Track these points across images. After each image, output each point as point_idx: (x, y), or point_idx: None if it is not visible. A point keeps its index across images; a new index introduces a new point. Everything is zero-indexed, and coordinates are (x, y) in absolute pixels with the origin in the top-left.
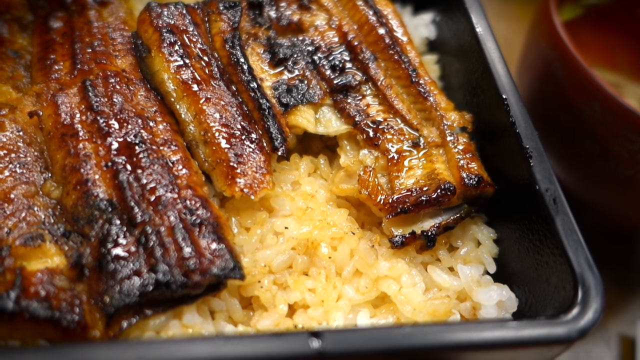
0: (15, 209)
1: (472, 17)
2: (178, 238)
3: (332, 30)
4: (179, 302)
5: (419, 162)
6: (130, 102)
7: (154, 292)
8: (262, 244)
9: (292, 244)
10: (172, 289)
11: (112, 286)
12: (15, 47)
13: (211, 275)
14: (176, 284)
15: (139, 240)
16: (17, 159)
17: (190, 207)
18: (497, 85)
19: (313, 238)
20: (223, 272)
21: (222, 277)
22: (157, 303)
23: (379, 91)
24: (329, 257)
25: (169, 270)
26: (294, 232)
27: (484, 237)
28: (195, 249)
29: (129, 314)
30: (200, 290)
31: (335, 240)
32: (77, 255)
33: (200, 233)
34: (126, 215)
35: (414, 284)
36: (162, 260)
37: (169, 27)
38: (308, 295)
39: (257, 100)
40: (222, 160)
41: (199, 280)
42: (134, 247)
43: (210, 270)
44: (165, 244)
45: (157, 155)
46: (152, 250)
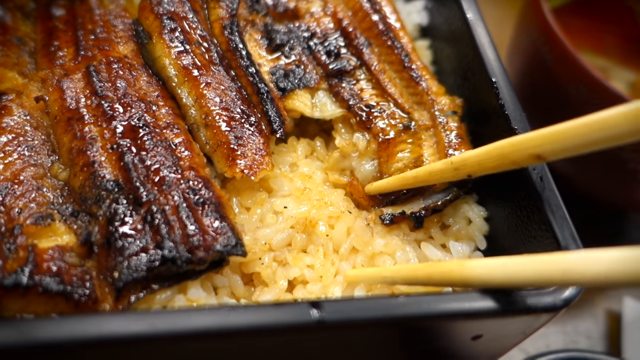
0: (25, 190)
1: (462, 4)
2: (182, 216)
3: (327, 17)
4: (184, 277)
5: (408, 146)
6: (133, 87)
7: (161, 268)
8: (262, 222)
9: (291, 222)
10: (177, 265)
11: (121, 262)
12: (19, 34)
13: (214, 252)
14: (181, 259)
15: (145, 218)
16: (25, 142)
17: (193, 187)
18: (487, 70)
19: (311, 217)
20: (226, 249)
21: (225, 254)
22: (163, 278)
23: (373, 76)
24: (326, 234)
25: (174, 247)
26: (292, 212)
27: (474, 216)
28: (199, 227)
29: (137, 288)
30: (204, 266)
31: (333, 219)
32: (86, 233)
33: (203, 212)
34: (132, 195)
35: (407, 259)
36: (168, 238)
37: (169, 14)
38: (307, 271)
39: (256, 84)
40: (222, 143)
41: (203, 256)
42: (141, 225)
43: (213, 247)
44: (170, 222)
45: (160, 138)
46: (157, 228)
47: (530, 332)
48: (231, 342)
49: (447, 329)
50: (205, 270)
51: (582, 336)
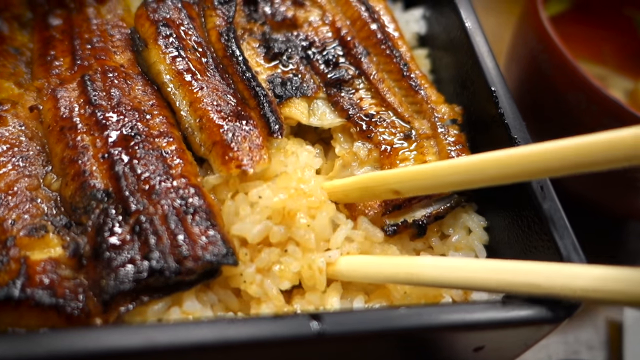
0: (19, 201)
1: (461, 12)
2: (171, 226)
3: (326, 26)
4: (175, 288)
5: (410, 154)
6: (127, 96)
7: (148, 279)
8: (237, 216)
9: (267, 213)
10: (165, 276)
11: (108, 274)
12: (15, 44)
13: (204, 262)
14: (169, 270)
15: (133, 229)
16: (19, 152)
17: (184, 195)
18: (486, 78)
19: (288, 208)
20: (215, 258)
21: (215, 263)
22: (153, 289)
23: (372, 85)
24: (307, 225)
25: (162, 257)
26: (268, 202)
27: (474, 225)
28: (188, 236)
29: (126, 300)
30: (194, 276)
31: (312, 210)
32: (74, 245)
33: (193, 221)
34: (121, 204)
35: None
36: (156, 248)
37: (165, 20)
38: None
39: (253, 87)
40: (217, 142)
41: (191, 267)
42: (129, 235)
43: (202, 257)
44: (159, 232)
45: (153, 147)
46: (146, 238)
47: (532, 343)
48: (230, 355)
49: (448, 340)
50: (198, 280)
51: (583, 346)
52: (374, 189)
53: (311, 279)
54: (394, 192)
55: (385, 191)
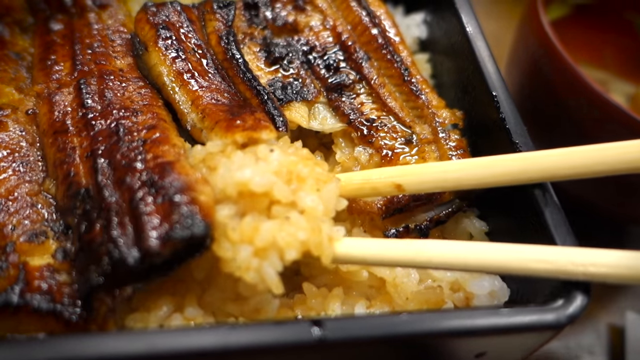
0: (19, 206)
1: (462, 17)
2: (136, 210)
3: (327, 31)
4: (153, 273)
5: (411, 159)
6: (121, 97)
7: (116, 272)
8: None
9: (275, 168)
10: (130, 264)
11: (81, 273)
12: (17, 49)
13: (171, 239)
14: (132, 257)
15: (103, 225)
16: (20, 158)
17: (152, 175)
18: (487, 83)
19: (298, 171)
20: (181, 233)
21: (185, 237)
22: (131, 280)
23: (373, 90)
24: (317, 189)
25: (123, 247)
26: (279, 157)
27: (476, 230)
28: (149, 216)
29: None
30: (164, 257)
31: (321, 182)
32: (62, 250)
33: (159, 198)
34: (98, 201)
35: (408, 274)
36: (119, 238)
37: (164, 23)
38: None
39: (255, 87)
40: (220, 120)
41: (155, 248)
42: (100, 232)
43: (168, 235)
44: (124, 220)
45: (134, 138)
46: (112, 230)
47: (534, 348)
48: None
49: (450, 346)
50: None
51: (585, 351)
52: (377, 183)
53: (319, 247)
54: (396, 186)
55: (388, 185)
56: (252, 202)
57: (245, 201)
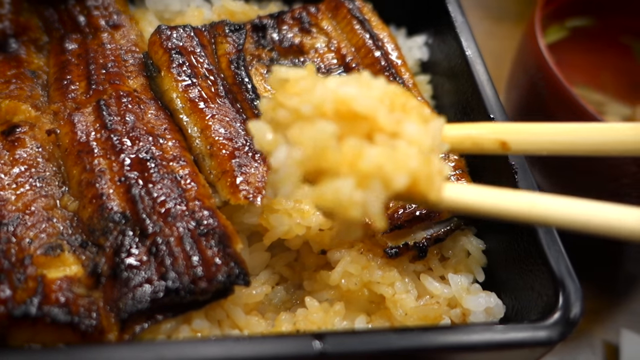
0: (36, 220)
1: (462, 41)
2: (186, 247)
3: (331, 52)
4: (188, 307)
5: None
6: (141, 121)
7: (164, 299)
8: None
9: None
10: (180, 295)
11: (126, 293)
12: (32, 67)
13: (217, 282)
14: (185, 290)
15: (150, 250)
16: (37, 173)
17: (198, 218)
18: (486, 106)
19: (401, 98)
20: (229, 279)
21: (228, 284)
22: (167, 308)
23: None
24: (425, 120)
25: (177, 278)
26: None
27: (473, 248)
28: (202, 257)
29: (142, 319)
30: (208, 296)
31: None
32: (93, 265)
33: (207, 242)
34: (138, 226)
35: (406, 290)
36: (172, 269)
37: (177, 48)
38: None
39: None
40: (226, 171)
41: (205, 287)
42: (146, 256)
43: (216, 277)
44: (175, 253)
45: (167, 170)
46: (162, 259)
47: None
48: None
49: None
50: (210, 299)
51: None
52: (479, 138)
53: (429, 180)
54: (501, 143)
55: (493, 142)
56: (352, 125)
57: (343, 123)
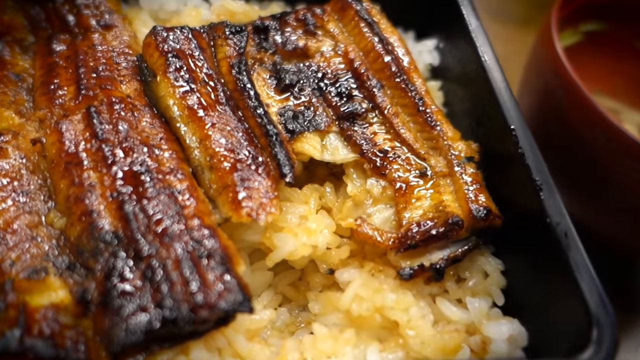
0: (19, 240)
1: (477, 45)
2: (185, 271)
3: (339, 57)
4: (186, 337)
5: (426, 192)
6: (135, 130)
7: (161, 330)
8: None
9: None
10: (179, 326)
11: (118, 323)
12: (17, 69)
13: (219, 310)
14: (183, 320)
15: (145, 274)
16: (20, 187)
17: (198, 238)
18: (505, 115)
19: None
20: (232, 307)
21: (231, 312)
22: (164, 339)
23: (386, 119)
24: None
25: (175, 306)
26: None
27: (491, 269)
28: (203, 282)
29: (135, 350)
30: (208, 325)
31: None
32: (82, 291)
33: (208, 265)
34: (132, 248)
35: (422, 316)
36: (169, 295)
37: (174, 51)
38: None
39: (264, 126)
40: (228, 186)
41: (206, 316)
42: (140, 281)
43: (218, 305)
44: (172, 277)
45: (164, 185)
46: (158, 284)
47: None
48: None
49: None
50: (210, 328)
51: None
52: None
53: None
54: None
55: None
56: None
57: None
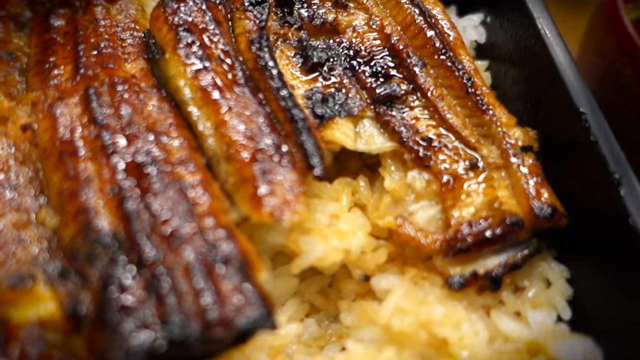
0: (4, 242)
1: (535, 17)
2: (197, 281)
3: (373, 32)
4: (198, 358)
5: (478, 187)
6: (140, 114)
7: (168, 351)
8: None
9: None
10: (189, 346)
11: (117, 342)
12: (10, 47)
13: (237, 328)
14: (194, 340)
15: (149, 283)
16: (7, 180)
17: (212, 240)
18: (572, 97)
19: None
20: (251, 324)
21: (250, 329)
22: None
23: (429, 103)
24: None
25: (185, 323)
26: None
27: (555, 276)
28: (218, 294)
29: None
30: (224, 344)
31: None
32: (74, 304)
33: (224, 273)
34: (134, 252)
35: (476, 332)
36: (178, 310)
37: (186, 25)
38: None
39: (289, 110)
40: (247, 180)
41: (221, 335)
42: (144, 292)
43: (235, 322)
44: (181, 288)
45: (172, 178)
46: (165, 296)
47: None
48: None
49: None
50: (226, 347)
51: None
52: None
53: None
54: None
55: None
56: None
57: None
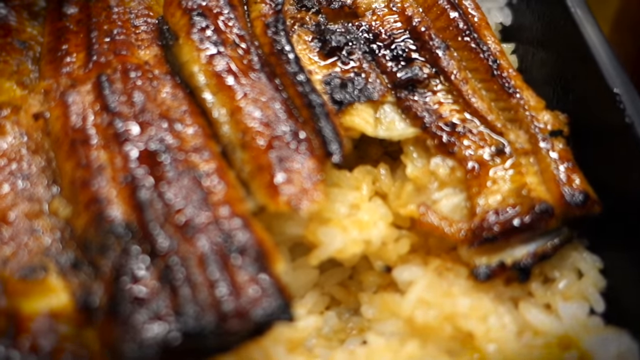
0: (16, 232)
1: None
2: (212, 271)
3: (394, 14)
4: (213, 351)
5: (505, 173)
6: (153, 102)
7: (182, 343)
8: None
9: None
10: (203, 339)
11: (130, 335)
12: (23, 37)
13: (253, 320)
14: (209, 332)
15: (163, 274)
16: (19, 170)
17: (227, 230)
18: (605, 77)
19: None
20: (269, 315)
21: (267, 321)
22: (185, 353)
23: (453, 86)
24: None
25: (200, 315)
26: None
27: (587, 267)
28: (233, 285)
29: None
30: (240, 337)
31: None
32: (85, 295)
33: (240, 263)
34: (148, 242)
35: (503, 326)
36: (192, 301)
37: (200, 9)
38: None
39: (307, 95)
40: (263, 167)
41: (237, 327)
42: (157, 282)
43: (252, 314)
44: (195, 279)
45: (186, 166)
46: (179, 287)
47: None
48: None
49: None
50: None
51: None
52: None
53: None
54: None
55: None
56: None
57: None
